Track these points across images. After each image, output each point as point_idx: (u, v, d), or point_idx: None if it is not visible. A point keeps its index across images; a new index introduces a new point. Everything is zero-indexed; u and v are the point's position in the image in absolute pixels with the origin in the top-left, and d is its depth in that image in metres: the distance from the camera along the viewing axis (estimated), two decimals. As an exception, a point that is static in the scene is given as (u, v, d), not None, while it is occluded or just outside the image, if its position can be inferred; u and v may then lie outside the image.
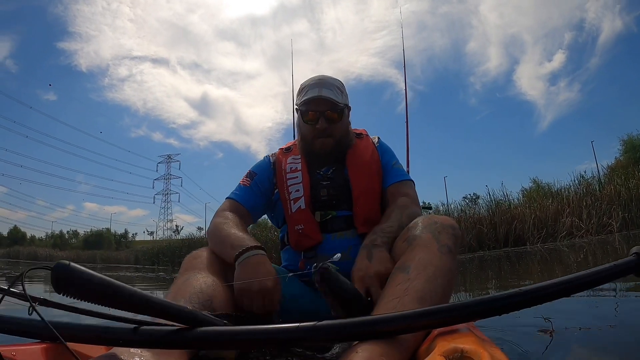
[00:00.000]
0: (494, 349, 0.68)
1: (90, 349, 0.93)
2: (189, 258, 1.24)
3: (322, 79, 1.53)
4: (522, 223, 9.22)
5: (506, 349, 1.21)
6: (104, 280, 0.60)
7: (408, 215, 1.32)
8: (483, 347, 0.63)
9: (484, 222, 9.65)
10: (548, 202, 9.66)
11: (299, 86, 1.59)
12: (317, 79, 1.53)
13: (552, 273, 3.95)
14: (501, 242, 9.29)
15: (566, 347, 1.30)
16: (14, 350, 0.78)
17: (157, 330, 0.70)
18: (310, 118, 1.49)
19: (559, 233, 8.59)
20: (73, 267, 0.58)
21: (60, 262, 0.57)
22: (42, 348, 0.83)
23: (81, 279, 0.58)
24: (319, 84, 1.49)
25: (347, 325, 0.71)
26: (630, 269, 0.72)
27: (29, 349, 0.82)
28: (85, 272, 0.59)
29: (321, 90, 1.46)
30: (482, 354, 0.60)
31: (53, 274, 0.57)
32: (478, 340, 0.68)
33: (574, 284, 0.71)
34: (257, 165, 1.63)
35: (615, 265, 0.72)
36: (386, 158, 1.58)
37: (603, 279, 0.72)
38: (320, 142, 1.50)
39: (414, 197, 1.48)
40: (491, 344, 0.73)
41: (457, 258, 1.05)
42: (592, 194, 9.35)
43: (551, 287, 0.70)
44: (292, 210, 1.47)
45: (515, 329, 1.49)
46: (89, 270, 0.59)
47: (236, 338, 0.71)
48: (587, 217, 8.52)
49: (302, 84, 1.57)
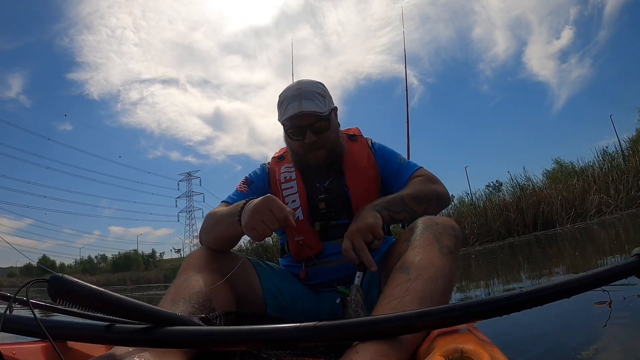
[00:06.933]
0: (494, 349, 0.69)
1: (91, 349, 0.96)
2: (188, 258, 1.23)
3: (300, 88, 1.42)
4: (549, 205, 9.00)
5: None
6: (93, 288, 0.67)
7: (416, 188, 1.37)
8: (483, 348, 0.63)
9: (510, 208, 9.45)
10: (573, 181, 9.40)
11: (278, 97, 1.48)
12: (295, 89, 1.42)
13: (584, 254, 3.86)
14: (529, 226, 9.10)
15: (628, 317, 1.27)
16: (14, 349, 0.81)
17: (130, 328, 0.72)
18: (296, 134, 1.42)
19: (588, 211, 8.35)
20: (66, 279, 0.64)
21: (55, 274, 0.64)
22: (41, 347, 0.86)
23: (73, 288, 0.64)
24: (298, 95, 1.39)
25: (347, 326, 0.71)
26: (632, 270, 0.72)
27: (28, 347, 0.84)
28: (76, 282, 0.65)
29: (301, 104, 1.37)
30: (482, 354, 0.61)
31: (49, 285, 0.63)
32: (478, 340, 0.69)
33: (575, 285, 0.70)
34: (254, 173, 1.61)
35: (617, 266, 0.72)
36: (388, 158, 1.55)
37: (604, 280, 0.72)
38: (313, 156, 1.44)
39: (429, 176, 1.47)
40: (491, 345, 0.73)
41: (458, 259, 1.05)
42: (617, 168, 9.04)
43: (551, 288, 0.70)
44: None
45: (570, 303, 1.47)
46: (80, 281, 0.66)
47: (245, 339, 0.71)
48: (615, 192, 8.27)
49: (280, 95, 1.47)
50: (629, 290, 1.55)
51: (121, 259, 51.28)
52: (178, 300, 0.99)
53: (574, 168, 10.86)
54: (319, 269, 1.42)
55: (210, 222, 1.30)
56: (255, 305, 1.29)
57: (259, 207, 1.07)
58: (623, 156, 9.78)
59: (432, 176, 1.47)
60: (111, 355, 0.71)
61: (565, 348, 1.22)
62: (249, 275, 1.32)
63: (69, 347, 0.93)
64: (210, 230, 1.29)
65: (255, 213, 1.07)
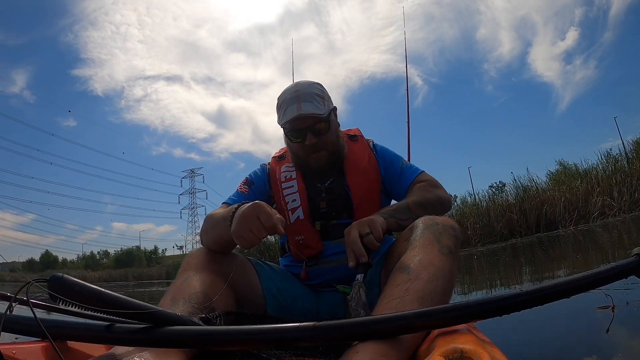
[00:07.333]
0: (494, 349, 0.69)
1: (91, 349, 0.96)
2: (188, 258, 1.23)
3: (298, 90, 1.42)
4: (552, 207, 8.98)
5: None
6: (93, 288, 0.67)
7: (420, 194, 1.38)
8: (483, 348, 0.63)
9: (513, 209, 9.44)
10: (577, 183, 9.37)
11: (277, 100, 1.49)
12: (293, 91, 1.42)
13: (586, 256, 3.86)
14: (532, 228, 9.07)
15: (631, 322, 1.26)
16: (14, 349, 0.81)
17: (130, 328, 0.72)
18: (296, 136, 1.42)
19: (591, 214, 8.32)
20: (66, 279, 0.65)
21: (55, 274, 0.65)
22: (41, 347, 0.86)
23: (73, 288, 0.65)
24: (296, 98, 1.40)
25: (346, 326, 0.71)
26: (632, 270, 0.71)
27: (28, 347, 0.84)
28: (76, 282, 0.66)
29: (300, 107, 1.37)
30: (481, 354, 0.61)
31: (49, 285, 0.64)
32: (478, 340, 0.69)
33: (575, 285, 0.70)
34: (254, 174, 1.60)
35: (617, 266, 0.72)
36: (390, 161, 1.55)
37: (604, 280, 0.72)
38: (314, 158, 1.44)
39: (432, 181, 1.48)
40: (491, 345, 0.73)
41: (458, 259, 1.05)
42: (621, 170, 9.03)
43: (551, 288, 0.70)
44: (290, 220, 1.46)
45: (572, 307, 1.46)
46: (79, 280, 0.66)
47: (245, 338, 0.71)
48: (619, 194, 8.24)
49: (279, 98, 1.47)
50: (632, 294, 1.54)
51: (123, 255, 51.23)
52: (178, 300, 0.98)
53: (578, 170, 10.83)
54: (319, 269, 1.42)
55: (208, 225, 1.29)
56: (255, 305, 1.29)
57: (246, 215, 1.05)
58: (627, 159, 9.74)
59: (435, 181, 1.49)
60: (111, 355, 0.71)
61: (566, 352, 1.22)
62: (249, 275, 1.31)
63: (69, 347, 0.93)
64: (208, 233, 1.28)
65: (242, 221, 1.05)
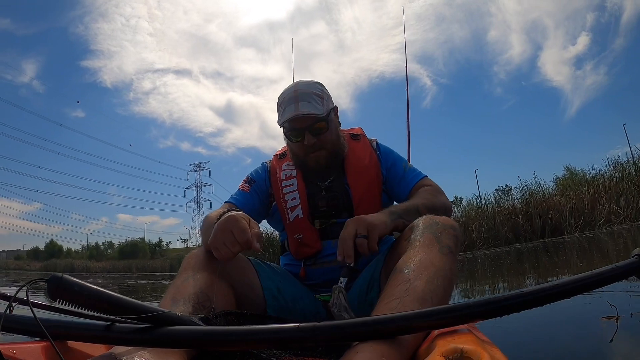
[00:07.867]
0: (494, 349, 0.69)
1: (91, 349, 0.96)
2: (188, 258, 1.22)
3: (297, 90, 1.43)
4: (558, 212, 8.95)
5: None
6: (93, 288, 0.67)
7: (429, 199, 1.37)
8: (483, 348, 0.63)
9: (519, 213, 9.40)
10: (583, 190, 9.33)
11: (277, 99, 1.49)
12: (292, 91, 1.44)
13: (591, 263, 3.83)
14: (538, 233, 9.05)
15: (636, 333, 1.26)
16: (14, 349, 0.81)
17: (129, 327, 0.72)
18: (295, 136, 1.43)
19: (597, 221, 8.28)
20: (66, 279, 0.65)
21: (55, 274, 0.64)
22: (41, 347, 0.85)
23: (72, 288, 0.65)
24: (295, 98, 1.41)
25: (347, 326, 0.71)
26: (633, 271, 0.71)
27: (28, 347, 0.84)
28: (76, 282, 0.65)
29: (298, 107, 1.38)
30: (481, 354, 0.61)
31: (49, 284, 0.63)
32: (478, 340, 0.69)
33: (575, 285, 0.70)
34: (255, 172, 1.61)
35: (617, 267, 0.72)
36: (393, 162, 1.55)
37: (605, 280, 0.72)
38: (314, 158, 1.44)
39: (436, 187, 1.48)
40: (491, 345, 0.73)
41: (457, 259, 1.05)
42: (628, 178, 8.99)
43: (552, 289, 0.69)
44: (290, 219, 1.46)
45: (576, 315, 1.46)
46: (79, 280, 0.66)
47: (245, 339, 0.71)
48: (625, 202, 8.19)
49: (278, 98, 1.48)
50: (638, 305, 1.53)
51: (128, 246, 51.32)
52: (178, 300, 0.99)
53: (585, 176, 10.81)
54: (318, 268, 1.43)
55: (204, 227, 1.30)
56: (255, 305, 1.29)
57: (221, 228, 1.05)
58: (635, 166, 9.67)
59: (438, 187, 1.49)
60: (111, 355, 0.71)
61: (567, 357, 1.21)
62: (249, 275, 1.31)
63: (69, 347, 0.93)
64: (205, 234, 1.28)
65: (217, 233, 1.05)
